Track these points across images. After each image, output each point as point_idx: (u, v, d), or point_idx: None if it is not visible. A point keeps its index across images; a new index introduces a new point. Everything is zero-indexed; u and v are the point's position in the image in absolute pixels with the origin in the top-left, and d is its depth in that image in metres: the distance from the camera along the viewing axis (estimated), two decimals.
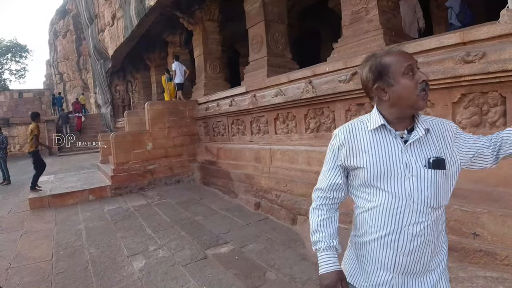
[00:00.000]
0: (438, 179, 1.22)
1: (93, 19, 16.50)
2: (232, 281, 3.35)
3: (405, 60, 1.21)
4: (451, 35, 3.23)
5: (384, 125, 1.27)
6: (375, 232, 1.28)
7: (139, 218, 5.84)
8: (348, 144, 1.34)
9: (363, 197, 1.34)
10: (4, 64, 38.70)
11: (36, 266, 4.12)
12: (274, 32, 6.87)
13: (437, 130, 1.28)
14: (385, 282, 1.29)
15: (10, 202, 8.00)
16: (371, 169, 1.26)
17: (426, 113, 3.47)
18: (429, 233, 1.23)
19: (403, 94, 1.22)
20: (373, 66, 1.27)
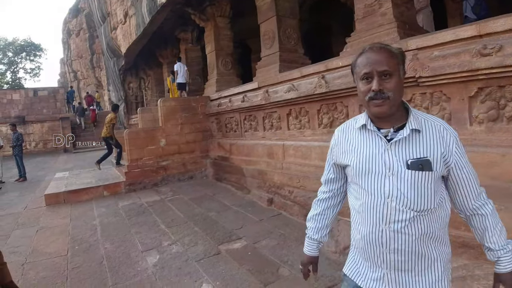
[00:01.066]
0: (419, 181, 1.20)
1: (105, 17, 16.63)
2: (245, 277, 3.35)
3: (368, 66, 1.22)
4: (467, 28, 3.15)
5: (365, 125, 1.31)
6: (362, 230, 1.33)
7: (153, 213, 5.89)
8: (340, 143, 1.43)
9: (353, 194, 1.40)
10: (19, 63, 39.45)
11: (52, 261, 4.19)
12: (286, 27, 6.82)
13: (433, 132, 1.24)
14: (378, 278, 1.32)
15: (26, 198, 8.15)
16: (355, 167, 1.32)
17: (442, 108, 3.42)
18: (415, 233, 1.21)
19: (359, 97, 1.30)
20: (353, 60, 1.34)
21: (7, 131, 17.34)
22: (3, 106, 20.68)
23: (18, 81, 39.45)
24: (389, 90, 1.19)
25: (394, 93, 1.19)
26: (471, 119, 3.20)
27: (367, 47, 1.26)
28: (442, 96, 3.40)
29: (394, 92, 1.19)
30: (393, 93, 1.19)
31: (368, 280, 1.35)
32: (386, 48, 1.23)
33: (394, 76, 1.20)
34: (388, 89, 1.19)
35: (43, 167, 14.07)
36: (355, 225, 1.39)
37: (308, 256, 1.65)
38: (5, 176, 11.34)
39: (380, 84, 1.19)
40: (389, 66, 1.19)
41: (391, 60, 1.20)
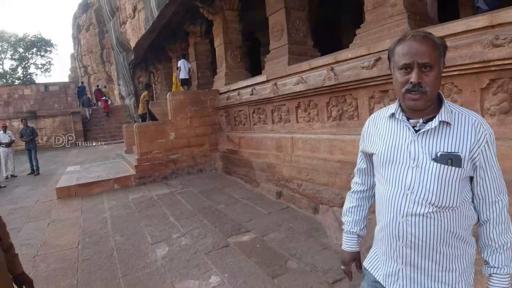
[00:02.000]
0: (445, 176, 1.14)
1: (114, 12, 16.71)
2: (254, 269, 3.37)
3: (409, 56, 1.14)
4: (478, 18, 3.08)
5: (393, 114, 1.27)
6: (380, 221, 1.32)
7: (163, 206, 5.94)
8: (370, 131, 1.40)
9: (377, 184, 1.38)
10: (30, 59, 39.85)
11: (63, 254, 4.25)
12: (295, 20, 6.77)
13: (466, 126, 1.16)
14: (393, 273, 1.29)
15: (38, 191, 8.27)
16: (379, 155, 1.29)
17: (453, 100, 3.36)
18: (433, 230, 1.17)
19: (395, 86, 1.23)
20: (391, 46, 1.25)
21: (19, 125, 17.59)
22: (15, 101, 20.93)
23: (29, 76, 39.89)
24: (428, 84, 1.13)
25: (432, 88, 1.14)
26: (483, 112, 3.15)
27: (409, 34, 1.18)
28: (453, 88, 3.34)
29: (432, 87, 1.14)
30: (431, 87, 1.13)
31: (384, 275, 1.33)
32: (429, 37, 1.15)
33: (435, 69, 1.13)
34: (427, 83, 1.12)
35: (54, 161, 14.25)
36: (377, 216, 1.37)
37: (349, 252, 1.57)
38: (17, 170, 11.51)
39: (420, 76, 1.12)
40: (430, 58, 1.12)
41: (433, 51, 1.13)
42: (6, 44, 38.21)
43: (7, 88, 21.94)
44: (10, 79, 38.51)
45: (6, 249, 1.54)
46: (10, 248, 1.56)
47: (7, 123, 14.48)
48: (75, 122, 20.60)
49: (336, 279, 3.05)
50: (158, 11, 10.69)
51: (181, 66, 11.88)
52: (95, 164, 10.94)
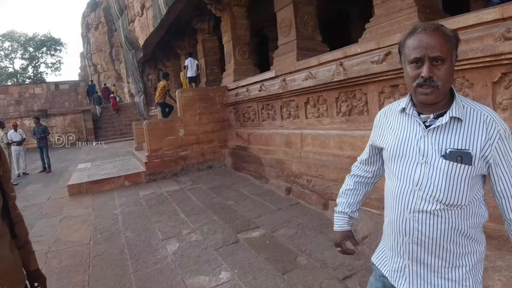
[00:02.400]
0: (454, 173, 1.11)
1: (123, 10, 16.78)
2: (264, 265, 3.37)
3: (419, 50, 1.11)
4: (490, 11, 3.03)
5: (404, 108, 1.25)
6: (387, 216, 1.31)
7: (173, 203, 5.97)
8: (380, 125, 1.38)
9: (386, 179, 1.36)
10: (40, 58, 40.39)
11: (74, 250, 4.31)
12: (303, 15, 6.72)
13: (476, 122, 1.13)
14: (399, 269, 1.28)
15: (50, 189, 8.39)
16: (389, 150, 1.27)
17: (464, 94, 3.31)
18: (441, 226, 1.14)
19: (406, 80, 1.21)
20: (401, 39, 1.22)
21: (30, 124, 17.84)
22: (26, 100, 21.20)
23: (39, 75, 40.44)
24: (440, 78, 1.09)
25: (444, 82, 1.10)
26: (495, 106, 3.10)
27: (419, 27, 1.14)
28: (464, 82, 3.29)
29: (444, 81, 1.10)
30: (443, 82, 1.10)
31: (391, 271, 1.32)
32: (440, 30, 1.11)
33: (447, 63, 1.10)
34: (438, 77, 1.09)
35: (65, 159, 14.42)
36: (385, 210, 1.36)
37: (340, 231, 1.56)
38: (29, 168, 11.67)
39: (431, 71, 1.09)
40: (442, 51, 1.09)
41: (445, 44, 1.10)
42: (16, 44, 38.76)
43: (18, 87, 22.23)
44: (20, 79, 39.06)
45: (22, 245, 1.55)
46: (26, 245, 1.58)
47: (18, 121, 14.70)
48: (85, 120, 20.81)
49: (346, 275, 3.04)
50: (166, 9, 10.71)
51: (188, 64, 12.11)
52: (105, 161, 11.04)
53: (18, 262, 1.46)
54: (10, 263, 1.36)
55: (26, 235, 1.58)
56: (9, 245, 1.39)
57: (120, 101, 28.79)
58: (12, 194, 1.53)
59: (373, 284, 1.46)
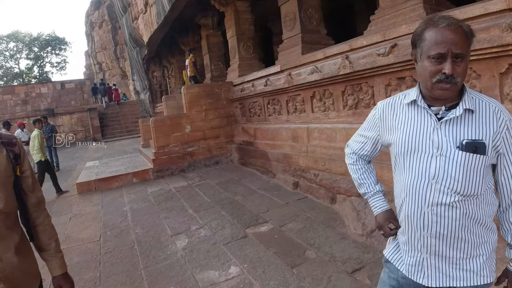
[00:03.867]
0: (470, 164, 1.12)
1: (126, 8, 16.78)
2: (272, 259, 3.39)
3: (444, 45, 1.08)
4: (496, 1, 2.98)
5: (415, 101, 1.23)
6: (403, 211, 1.28)
7: (181, 199, 6.01)
8: (385, 119, 1.35)
9: (395, 174, 1.34)
10: (45, 58, 40.65)
11: (85, 247, 4.36)
12: (307, 8, 6.68)
13: (487, 113, 1.15)
14: (417, 263, 1.27)
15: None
16: (400, 145, 1.25)
17: (472, 85, 3.29)
18: (459, 218, 1.15)
19: (422, 74, 1.18)
20: (417, 30, 1.20)
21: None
22: (33, 99, 21.40)
23: (45, 75, 40.70)
24: (459, 75, 1.10)
25: (462, 78, 1.11)
26: (502, 97, 3.07)
27: (440, 21, 1.11)
28: (472, 73, 3.27)
29: (462, 77, 1.12)
30: (461, 78, 1.11)
31: (407, 265, 1.31)
32: (462, 27, 1.11)
33: (465, 60, 1.11)
34: (458, 74, 1.10)
35: (73, 157, 14.53)
36: (398, 205, 1.34)
37: (381, 213, 1.47)
38: None
39: (453, 68, 1.09)
40: (463, 48, 1.09)
41: (466, 42, 1.10)
42: (21, 44, 39.03)
43: (24, 87, 22.45)
44: (26, 79, 39.33)
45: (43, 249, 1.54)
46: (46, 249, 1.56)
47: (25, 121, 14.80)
48: (92, 118, 20.95)
49: (355, 269, 3.05)
50: (169, 5, 10.70)
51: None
52: (113, 159, 11.11)
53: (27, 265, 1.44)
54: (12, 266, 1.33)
55: (49, 238, 1.54)
56: (15, 248, 1.36)
57: (125, 98, 28.99)
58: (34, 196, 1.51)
59: (386, 282, 1.43)
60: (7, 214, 1.35)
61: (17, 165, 1.41)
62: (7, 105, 20.91)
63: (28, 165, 1.47)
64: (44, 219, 1.56)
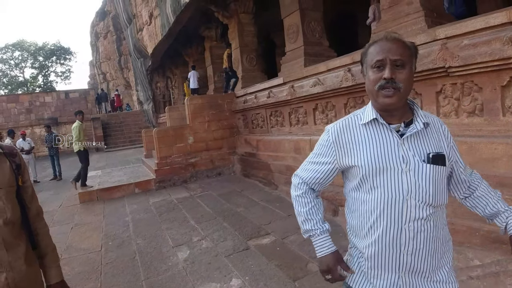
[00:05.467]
0: (438, 175, 1.18)
1: (131, 19, 16.98)
2: (274, 272, 3.37)
3: (381, 53, 1.16)
4: (497, 15, 3.02)
5: (376, 119, 1.23)
6: (374, 233, 1.22)
7: (183, 210, 6.00)
8: (341, 143, 1.30)
9: (359, 197, 1.28)
10: (50, 67, 41.03)
11: (86, 257, 4.35)
12: (310, 21, 6.76)
13: (436, 126, 1.26)
14: (392, 284, 1.23)
15: (61, 196, 8.49)
16: (366, 166, 1.21)
17: (473, 98, 3.32)
18: (432, 230, 1.18)
19: (368, 86, 1.23)
20: (363, 50, 1.27)
21: (41, 132, 18.09)
22: (37, 108, 21.53)
23: (49, 84, 41.03)
24: (401, 80, 1.14)
25: (405, 85, 1.15)
26: (504, 110, 3.09)
27: (380, 36, 1.21)
28: (473, 86, 3.29)
29: (405, 84, 1.15)
30: (404, 85, 1.14)
31: None
32: (400, 38, 1.19)
33: (407, 67, 1.16)
34: (400, 80, 1.14)
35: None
36: (362, 230, 1.27)
37: (329, 254, 1.36)
38: (40, 175, 11.83)
39: (393, 72, 1.14)
40: (402, 55, 1.14)
41: (405, 50, 1.16)
42: (26, 53, 39.41)
43: (29, 95, 22.64)
44: (31, 87, 39.65)
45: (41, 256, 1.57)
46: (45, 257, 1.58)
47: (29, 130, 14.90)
48: (95, 127, 21.04)
49: None
50: (174, 17, 10.83)
51: (190, 77, 13.53)
52: (115, 168, 11.13)
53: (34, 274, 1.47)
54: (22, 275, 1.37)
55: (46, 247, 1.57)
56: (24, 257, 1.40)
57: (129, 108, 29.15)
58: (34, 205, 1.56)
59: None
60: (14, 223, 1.40)
61: (19, 175, 1.46)
62: (11, 113, 21.04)
63: (27, 175, 1.52)
64: (43, 228, 1.61)
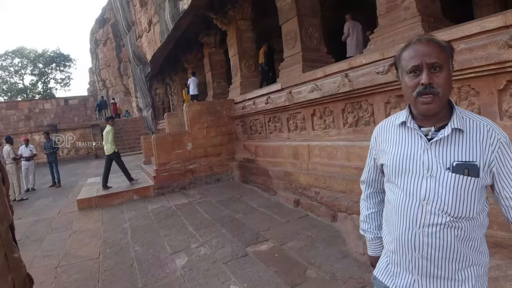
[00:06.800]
0: (461, 186, 1.11)
1: (130, 26, 17.06)
2: (273, 279, 3.35)
3: (417, 58, 1.12)
4: (493, 19, 3.04)
5: (404, 122, 1.24)
6: (393, 232, 1.26)
7: (181, 216, 5.98)
8: (378, 141, 1.37)
9: (388, 195, 1.33)
10: (49, 74, 41.07)
11: (84, 264, 4.32)
12: (308, 27, 6.78)
13: (478, 132, 1.14)
14: (408, 285, 1.24)
15: (60, 203, 8.45)
16: (391, 166, 1.25)
17: (470, 102, 3.32)
18: (450, 239, 1.13)
19: (405, 92, 1.21)
20: (397, 54, 1.24)
21: (40, 139, 18.09)
22: (36, 115, 21.56)
23: (49, 91, 41.06)
24: (439, 85, 1.10)
25: (444, 89, 1.11)
26: (501, 114, 3.09)
27: (414, 39, 1.17)
28: (470, 91, 3.29)
29: (444, 88, 1.11)
30: (443, 89, 1.11)
31: (398, 287, 1.28)
32: (434, 40, 1.14)
33: (444, 70, 1.11)
34: (438, 84, 1.10)
35: (75, 173, 14.53)
36: (388, 226, 1.32)
37: (371, 257, 1.57)
38: (39, 182, 11.80)
39: (430, 77, 1.10)
40: (439, 58, 1.10)
41: (441, 52, 1.12)
42: (26, 60, 39.48)
43: (28, 102, 22.70)
44: (30, 94, 39.69)
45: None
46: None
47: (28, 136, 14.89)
48: (94, 134, 21.05)
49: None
50: (172, 24, 10.87)
51: (190, 83, 13.83)
52: (114, 175, 11.07)
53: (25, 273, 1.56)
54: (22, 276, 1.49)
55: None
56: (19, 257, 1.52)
57: (128, 115, 29.21)
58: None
59: None
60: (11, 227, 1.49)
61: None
62: (10, 120, 21.07)
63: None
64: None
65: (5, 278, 1.37)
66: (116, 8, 18.98)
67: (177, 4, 9.97)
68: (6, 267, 1.38)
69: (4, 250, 1.38)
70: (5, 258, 1.38)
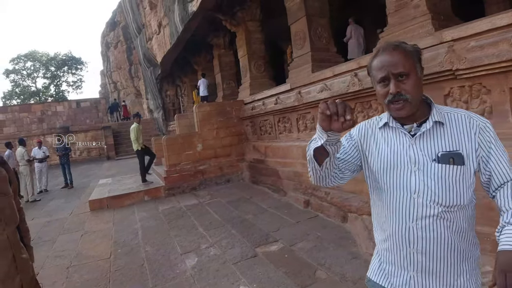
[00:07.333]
0: (448, 175, 1.15)
1: (141, 29, 17.21)
2: (282, 280, 3.34)
3: (383, 69, 1.17)
4: (503, 16, 2.98)
5: (387, 123, 1.28)
6: (386, 229, 1.28)
7: (191, 217, 6.00)
8: (365, 135, 1.36)
9: (374, 193, 1.36)
10: (61, 77, 41.64)
11: (95, 264, 4.37)
12: (317, 27, 6.75)
13: (458, 123, 1.19)
14: (404, 283, 1.25)
15: (72, 204, 8.57)
16: (379, 163, 1.27)
17: (482, 101, 3.27)
18: (445, 230, 1.16)
19: (379, 99, 1.25)
20: (368, 63, 1.28)
21: (52, 141, 18.35)
22: (49, 117, 21.89)
23: (61, 93, 41.63)
24: (407, 91, 1.15)
25: (412, 94, 1.16)
26: None
27: (381, 48, 1.22)
28: (481, 89, 3.24)
29: (413, 93, 1.16)
30: (411, 94, 1.16)
31: (394, 286, 1.28)
32: (400, 47, 1.18)
33: (411, 76, 1.16)
34: (406, 91, 1.15)
35: (87, 174, 14.70)
36: (379, 224, 1.34)
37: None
38: (52, 183, 11.97)
39: (397, 86, 1.15)
40: (404, 67, 1.15)
41: (406, 60, 1.16)
42: (38, 63, 40.09)
43: (41, 105, 23.06)
44: (43, 97, 40.26)
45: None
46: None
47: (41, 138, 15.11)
48: (106, 136, 21.27)
49: None
50: (182, 26, 10.94)
51: (200, 85, 13.90)
52: (126, 176, 11.21)
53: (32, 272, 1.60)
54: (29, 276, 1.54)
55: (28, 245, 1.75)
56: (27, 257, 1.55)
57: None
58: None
59: None
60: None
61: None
62: (23, 122, 21.41)
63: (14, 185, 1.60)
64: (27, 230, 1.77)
65: (14, 279, 1.39)
66: (126, 11, 19.17)
67: (186, 6, 10.02)
68: (14, 268, 1.40)
69: (12, 251, 1.41)
70: (13, 260, 1.40)
